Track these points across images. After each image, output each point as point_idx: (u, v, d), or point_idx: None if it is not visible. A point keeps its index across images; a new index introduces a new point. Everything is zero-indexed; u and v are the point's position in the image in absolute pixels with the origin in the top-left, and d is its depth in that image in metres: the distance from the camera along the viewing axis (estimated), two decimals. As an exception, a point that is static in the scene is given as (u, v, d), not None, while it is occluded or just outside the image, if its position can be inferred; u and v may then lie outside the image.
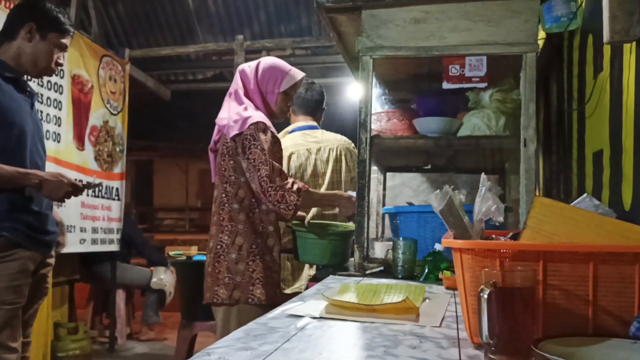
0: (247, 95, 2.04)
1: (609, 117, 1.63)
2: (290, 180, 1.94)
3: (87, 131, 4.10)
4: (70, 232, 3.81)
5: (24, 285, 1.95)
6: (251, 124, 1.92)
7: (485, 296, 0.80)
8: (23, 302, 1.95)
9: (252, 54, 4.89)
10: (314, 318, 1.15)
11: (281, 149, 2.06)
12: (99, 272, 4.47)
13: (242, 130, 1.91)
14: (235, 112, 1.98)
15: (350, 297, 1.32)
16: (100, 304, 4.88)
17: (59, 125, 3.73)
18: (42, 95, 3.47)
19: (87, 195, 4.05)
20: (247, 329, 1.04)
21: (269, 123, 1.99)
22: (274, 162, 1.91)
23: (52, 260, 2.17)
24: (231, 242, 1.96)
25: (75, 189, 2.04)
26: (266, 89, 2.03)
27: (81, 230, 3.97)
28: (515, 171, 2.29)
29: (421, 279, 1.80)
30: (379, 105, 2.32)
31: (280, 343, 0.92)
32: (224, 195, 1.99)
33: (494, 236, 1.14)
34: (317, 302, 1.31)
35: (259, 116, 1.96)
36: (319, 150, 2.57)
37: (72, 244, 3.88)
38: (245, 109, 1.98)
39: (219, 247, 1.97)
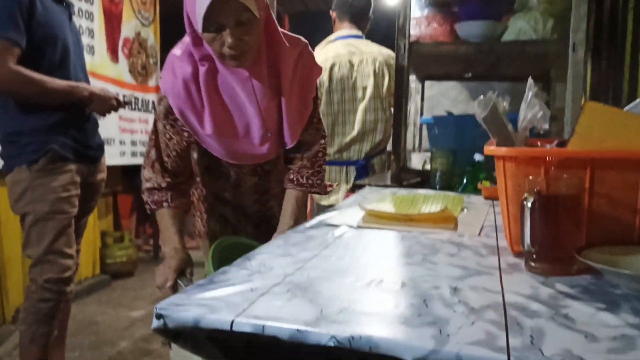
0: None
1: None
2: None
3: (120, 43, 4.07)
4: (110, 145, 3.89)
5: (73, 197, 2.01)
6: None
7: (529, 204, 0.78)
8: (75, 212, 2.01)
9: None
10: (351, 227, 1.15)
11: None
12: (140, 184, 4.59)
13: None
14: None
15: (387, 208, 1.31)
16: (143, 215, 5.06)
17: (92, 37, 3.70)
18: (73, 6, 3.42)
19: (124, 108, 4.09)
20: (285, 237, 1.06)
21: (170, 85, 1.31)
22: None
23: (102, 175, 2.22)
24: None
25: (118, 104, 2.10)
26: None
27: (120, 143, 4.05)
28: (561, 78, 2.19)
29: (459, 190, 1.78)
30: (418, 9, 2.20)
31: (318, 250, 0.93)
32: None
33: (539, 143, 1.10)
34: (354, 212, 1.31)
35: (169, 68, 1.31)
36: (361, 62, 2.41)
37: (113, 157, 3.98)
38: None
39: None
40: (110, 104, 2.06)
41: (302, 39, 1.39)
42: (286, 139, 1.39)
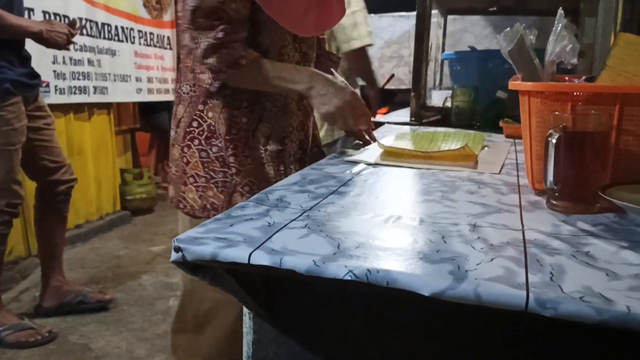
0: None
1: None
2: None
3: (134, -24, 3.97)
4: (127, 81, 3.87)
5: (23, 126, 2.18)
6: None
7: (554, 141, 0.75)
8: (24, 140, 2.18)
9: None
10: (370, 164, 1.14)
11: None
12: (158, 122, 4.60)
13: None
14: None
15: (406, 145, 1.29)
16: (162, 152, 5.10)
17: (106, -29, 3.62)
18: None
19: (140, 44, 4.04)
20: (303, 173, 1.05)
21: None
22: None
23: (42, 101, 2.35)
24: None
25: (70, 34, 2.20)
26: None
27: (136, 80, 4.03)
28: (591, 12, 2.09)
29: (481, 128, 1.75)
30: (442, -62, 2.09)
31: (336, 187, 0.93)
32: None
33: (567, 78, 1.06)
34: (372, 149, 1.30)
35: None
36: None
37: (129, 94, 3.97)
38: None
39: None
40: (62, 38, 2.15)
41: None
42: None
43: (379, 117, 2.30)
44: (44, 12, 3.03)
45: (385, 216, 0.75)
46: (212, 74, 1.19)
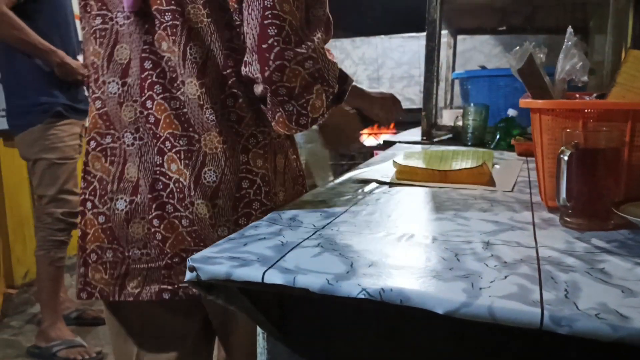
0: None
1: None
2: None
3: None
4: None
5: (78, 145, 2.39)
6: None
7: (566, 158, 0.75)
8: (79, 157, 2.39)
9: None
10: (382, 183, 1.14)
11: None
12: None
13: None
14: None
15: (417, 164, 1.30)
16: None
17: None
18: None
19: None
20: (314, 193, 1.05)
21: None
22: None
23: None
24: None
25: (82, 80, 2.36)
26: None
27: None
28: (600, 29, 2.09)
29: (492, 146, 1.75)
30: (451, -41, 2.12)
31: (348, 206, 0.93)
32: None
33: (577, 95, 1.06)
34: (384, 168, 1.30)
35: None
36: None
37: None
38: None
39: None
40: (74, 78, 2.32)
41: None
42: None
43: (389, 137, 2.31)
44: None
45: (398, 234, 0.75)
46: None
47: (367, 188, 1.09)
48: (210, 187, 0.88)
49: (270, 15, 0.80)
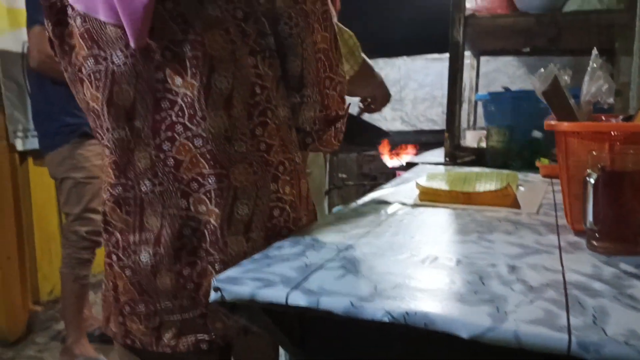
0: None
1: None
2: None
3: None
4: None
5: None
6: None
7: (592, 180, 0.75)
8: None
9: None
10: (405, 205, 1.14)
11: None
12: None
13: None
14: None
15: (440, 185, 1.29)
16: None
17: None
18: None
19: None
20: (337, 215, 1.06)
21: None
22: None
23: None
24: None
25: None
26: None
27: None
28: (626, 51, 2.07)
29: (516, 168, 1.73)
30: (474, -19, 2.13)
31: (371, 227, 0.93)
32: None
33: (603, 118, 1.05)
34: (406, 190, 1.30)
35: None
36: None
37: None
38: None
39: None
40: None
41: None
42: None
43: (411, 157, 2.31)
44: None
45: (422, 257, 0.75)
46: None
47: (390, 209, 1.09)
48: (243, 220, 0.85)
49: (319, 49, 0.90)
